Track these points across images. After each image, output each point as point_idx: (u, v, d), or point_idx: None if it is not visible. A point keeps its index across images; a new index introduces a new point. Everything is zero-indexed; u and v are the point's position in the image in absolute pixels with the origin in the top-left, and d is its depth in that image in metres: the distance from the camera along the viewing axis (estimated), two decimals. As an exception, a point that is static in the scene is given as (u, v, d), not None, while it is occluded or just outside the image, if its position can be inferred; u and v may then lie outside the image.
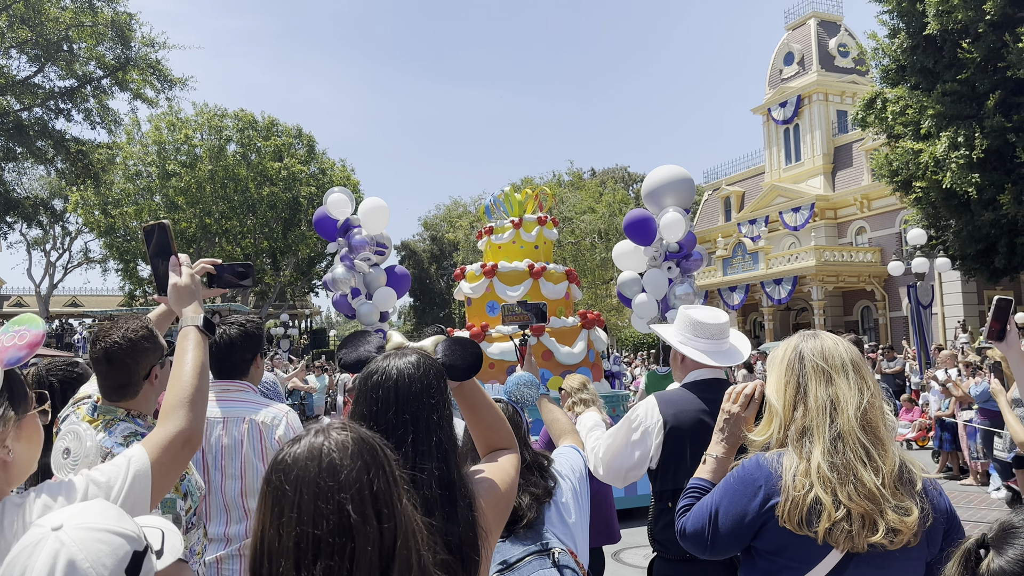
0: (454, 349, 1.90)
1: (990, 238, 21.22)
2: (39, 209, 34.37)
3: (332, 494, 1.29)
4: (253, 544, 1.31)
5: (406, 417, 1.70)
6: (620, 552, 7.96)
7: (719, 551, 2.24)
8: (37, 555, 1.18)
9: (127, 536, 1.25)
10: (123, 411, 2.49)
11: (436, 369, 1.79)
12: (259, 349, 3.43)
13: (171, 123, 37.86)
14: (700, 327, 3.16)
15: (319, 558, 1.26)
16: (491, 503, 1.81)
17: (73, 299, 49.64)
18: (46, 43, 24.53)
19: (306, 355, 36.55)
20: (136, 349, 2.50)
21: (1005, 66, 18.98)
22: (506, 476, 1.91)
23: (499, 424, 2.01)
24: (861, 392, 2.14)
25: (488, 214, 11.15)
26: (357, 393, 1.78)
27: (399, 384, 1.72)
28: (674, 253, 9.05)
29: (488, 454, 1.99)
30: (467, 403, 1.97)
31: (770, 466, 2.13)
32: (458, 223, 48.85)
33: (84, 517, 1.25)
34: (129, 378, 2.50)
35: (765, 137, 37.91)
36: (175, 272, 2.16)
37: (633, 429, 3.07)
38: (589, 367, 10.03)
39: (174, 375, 1.95)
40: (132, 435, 2.40)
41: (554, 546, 2.21)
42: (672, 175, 9.11)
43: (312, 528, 1.27)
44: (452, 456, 1.73)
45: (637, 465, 3.08)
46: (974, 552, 1.50)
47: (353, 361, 1.92)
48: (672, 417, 3.02)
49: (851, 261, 31.52)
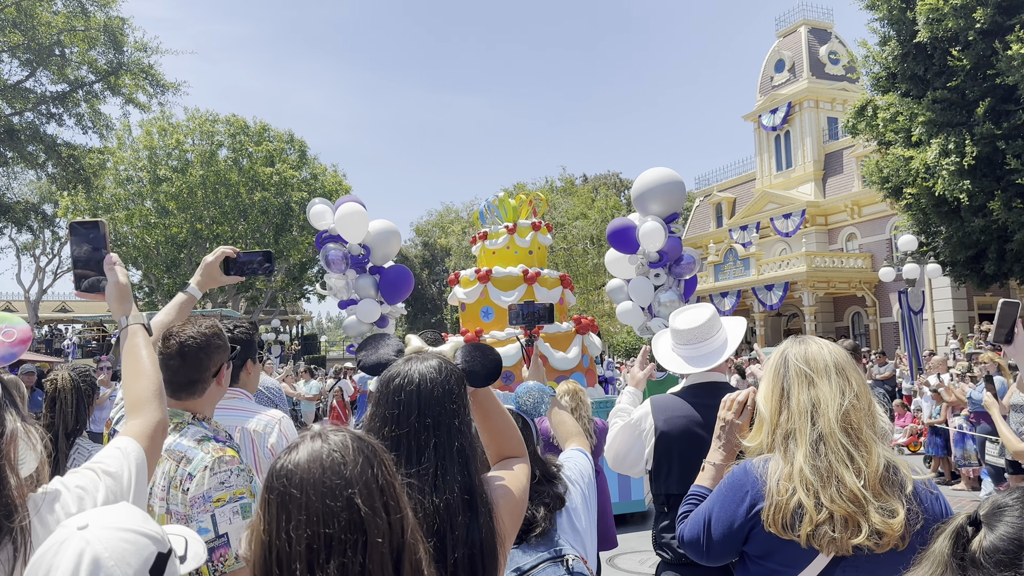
0: (474, 355, 1.90)
1: (980, 244, 21.34)
2: (29, 214, 34.15)
3: (340, 491, 1.29)
4: (260, 552, 1.30)
5: (428, 422, 1.69)
6: (615, 557, 7.96)
7: (715, 557, 2.26)
8: (63, 553, 1.19)
9: (152, 537, 1.25)
10: (189, 414, 2.48)
11: (457, 375, 1.79)
12: (249, 355, 3.36)
13: (162, 128, 37.75)
14: (678, 334, 3.21)
15: (332, 556, 1.26)
16: (507, 510, 1.81)
17: (63, 304, 49.33)
18: (38, 47, 24.42)
19: (295, 361, 36.40)
20: (209, 345, 2.51)
21: (995, 74, 19.10)
22: (520, 484, 1.91)
23: (511, 432, 2.01)
24: (843, 394, 2.14)
25: (482, 219, 11.15)
26: (378, 396, 1.77)
27: (421, 388, 1.71)
28: (655, 263, 8.91)
29: (499, 462, 1.99)
30: (481, 410, 1.97)
31: (756, 471, 2.15)
32: (450, 229, 48.82)
33: (110, 518, 1.25)
34: (200, 374, 2.50)
35: (756, 144, 38.07)
36: (111, 272, 2.16)
37: (632, 432, 3.18)
38: (583, 372, 10.04)
39: (136, 370, 1.98)
40: (204, 439, 2.39)
41: (567, 553, 2.20)
42: (660, 179, 8.96)
43: (323, 528, 1.27)
44: (473, 462, 1.73)
45: (635, 461, 3.21)
46: (965, 529, 1.50)
47: (373, 364, 1.91)
48: (663, 423, 3.07)
49: (842, 267, 31.66)
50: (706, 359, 3.14)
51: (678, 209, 9.08)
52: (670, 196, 8.93)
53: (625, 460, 3.22)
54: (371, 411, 1.76)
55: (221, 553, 2.20)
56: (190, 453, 2.33)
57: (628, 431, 3.18)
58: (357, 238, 9.28)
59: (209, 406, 2.58)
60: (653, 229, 8.68)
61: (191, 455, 2.33)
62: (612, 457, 3.26)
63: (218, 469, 2.28)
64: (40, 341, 34.83)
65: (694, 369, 3.13)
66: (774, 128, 36.65)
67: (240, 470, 2.34)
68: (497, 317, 10.03)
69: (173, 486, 2.30)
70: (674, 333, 3.19)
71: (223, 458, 2.32)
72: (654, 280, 9.01)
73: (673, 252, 8.94)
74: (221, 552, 2.20)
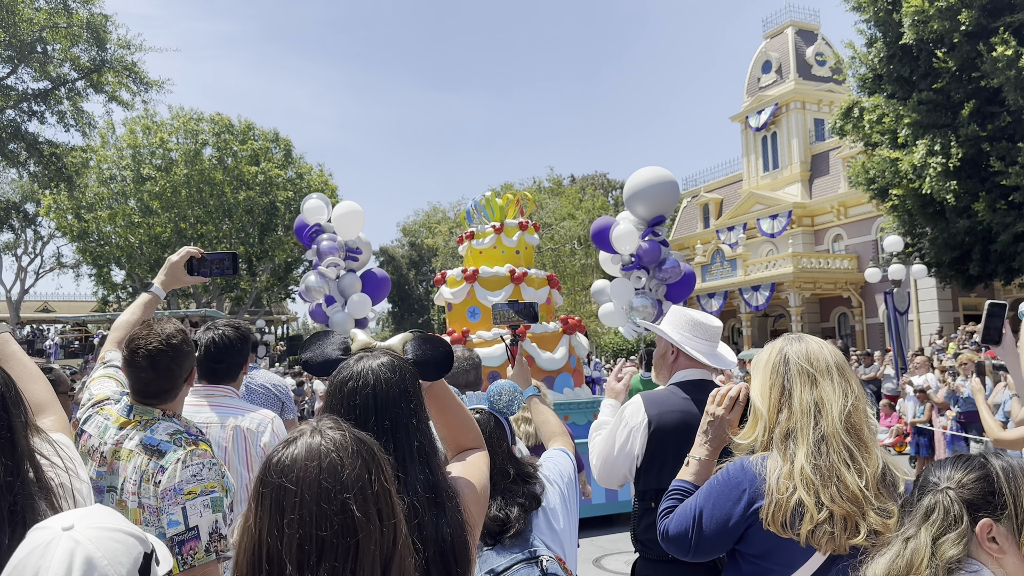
0: (424, 347, 1.84)
1: (965, 245, 21.50)
2: (11, 213, 33.89)
3: (336, 494, 1.27)
4: (249, 546, 1.28)
5: (387, 424, 1.64)
6: (601, 558, 7.92)
7: (702, 553, 2.23)
8: (51, 555, 1.14)
9: (137, 537, 1.23)
10: (159, 411, 2.48)
11: (411, 371, 1.74)
12: (250, 352, 3.40)
13: (146, 126, 37.47)
14: (699, 327, 3.13)
15: (323, 560, 1.24)
16: (472, 499, 1.79)
17: (45, 304, 48.93)
18: (19, 44, 24.16)
19: (280, 362, 36.22)
20: (179, 354, 2.50)
21: (980, 76, 19.24)
22: (480, 474, 1.89)
23: (469, 424, 1.98)
24: (845, 395, 2.15)
25: (469, 219, 11.09)
26: (330, 399, 1.71)
27: (377, 389, 1.66)
28: (628, 266, 8.70)
29: (458, 454, 1.96)
30: (438, 404, 1.92)
31: (754, 469, 2.14)
32: (437, 229, 48.72)
33: (93, 518, 1.22)
34: (173, 383, 2.50)
35: (743, 145, 38.23)
36: None
37: (620, 432, 3.04)
38: (570, 373, 10.00)
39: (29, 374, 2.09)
40: (176, 433, 2.40)
41: (542, 554, 2.16)
42: (649, 179, 8.70)
43: (316, 530, 1.25)
44: (434, 459, 1.70)
45: (628, 469, 3.06)
46: None
47: (320, 363, 1.83)
48: (657, 417, 2.99)
49: (828, 268, 31.83)
50: (720, 359, 3.12)
51: (669, 211, 8.83)
52: (659, 197, 8.69)
53: (615, 464, 3.07)
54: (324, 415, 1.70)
55: (191, 546, 2.21)
56: (162, 447, 2.35)
57: (615, 436, 3.06)
58: (351, 236, 9.20)
59: (179, 405, 2.58)
60: (626, 232, 8.50)
61: (163, 448, 2.34)
62: (600, 464, 3.12)
63: (190, 462, 2.30)
64: (22, 341, 34.47)
65: (712, 364, 3.09)
66: (761, 129, 36.81)
67: (212, 464, 2.35)
68: (484, 317, 9.96)
69: (145, 479, 2.31)
70: (696, 325, 3.12)
71: (195, 451, 2.34)
72: (634, 282, 8.80)
73: (648, 256, 8.65)
74: (191, 545, 2.21)
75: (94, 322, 36.28)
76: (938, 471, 1.70)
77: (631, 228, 8.52)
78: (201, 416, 3.05)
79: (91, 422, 2.48)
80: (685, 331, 3.13)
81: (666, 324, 3.19)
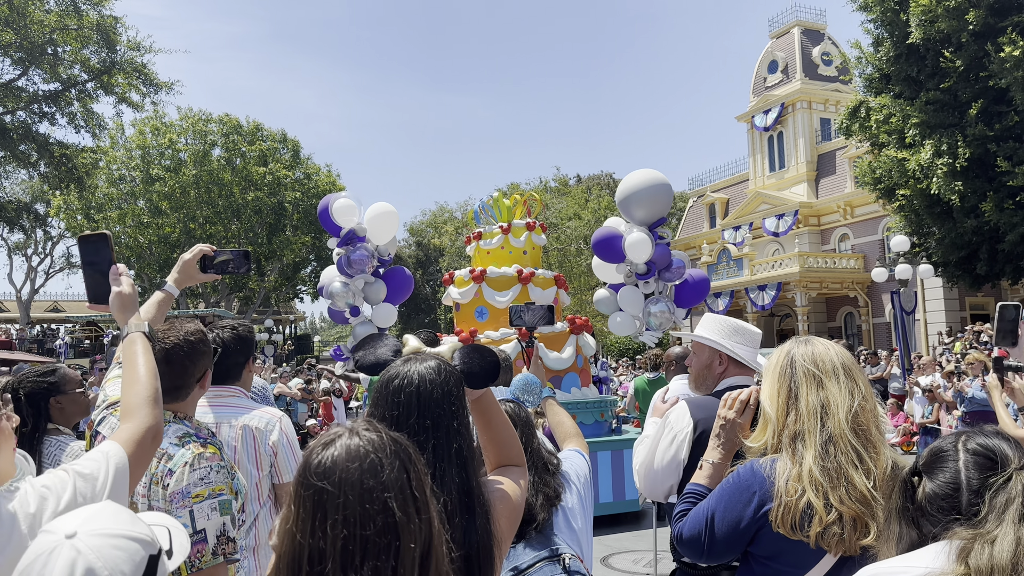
0: (472, 356, 1.89)
1: (972, 245, 21.42)
2: (21, 213, 34.06)
3: (377, 494, 1.30)
4: (291, 548, 1.30)
5: (428, 423, 1.69)
6: (609, 557, 7.97)
7: (716, 556, 2.24)
8: (53, 564, 1.16)
9: (142, 541, 1.24)
10: (171, 413, 2.48)
11: (456, 376, 1.79)
12: (251, 353, 3.39)
13: (155, 127, 37.63)
14: (745, 333, 3.05)
15: (367, 559, 1.27)
16: (504, 513, 1.82)
17: (55, 304, 49.17)
18: (30, 46, 24.31)
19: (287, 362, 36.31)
20: (195, 351, 2.51)
21: (987, 75, 19.19)
22: (517, 489, 1.91)
23: (513, 441, 2.00)
24: (852, 395, 2.15)
25: (476, 219, 11.14)
26: (376, 396, 1.77)
27: (421, 389, 1.72)
28: (642, 275, 8.47)
29: (497, 469, 1.98)
30: (483, 418, 1.95)
31: (764, 472, 2.15)
32: (444, 229, 48.74)
33: (97, 523, 1.22)
34: (185, 380, 2.50)
35: (749, 144, 38.16)
36: (115, 282, 2.21)
37: (664, 438, 2.90)
38: (577, 372, 10.04)
39: (131, 377, 1.99)
40: (185, 436, 2.39)
41: (564, 552, 2.20)
42: (643, 182, 8.40)
43: (360, 530, 1.28)
44: (471, 463, 1.73)
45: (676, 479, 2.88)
46: (909, 480, 1.59)
47: (371, 364, 1.91)
48: (703, 422, 2.88)
49: (834, 268, 31.75)
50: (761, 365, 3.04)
51: (664, 213, 8.60)
52: (655, 200, 8.44)
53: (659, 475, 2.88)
54: (369, 411, 1.76)
55: (198, 549, 2.21)
56: (171, 450, 2.34)
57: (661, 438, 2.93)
58: (384, 240, 8.57)
59: (191, 407, 2.58)
60: (640, 240, 8.25)
61: (172, 451, 2.33)
62: (644, 472, 2.96)
63: (198, 465, 2.30)
64: (32, 341, 34.71)
65: (757, 368, 3.03)
66: (767, 129, 36.75)
67: (220, 466, 2.35)
68: (492, 317, 10.02)
69: (154, 482, 2.31)
70: (742, 331, 3.05)
71: (203, 455, 2.33)
72: (643, 289, 8.60)
73: (662, 261, 8.48)
74: (198, 548, 2.21)
75: (104, 321, 36.44)
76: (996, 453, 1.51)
77: (644, 236, 8.26)
78: (210, 416, 3.10)
79: (105, 423, 2.48)
80: (733, 339, 3.04)
81: (709, 333, 3.07)
